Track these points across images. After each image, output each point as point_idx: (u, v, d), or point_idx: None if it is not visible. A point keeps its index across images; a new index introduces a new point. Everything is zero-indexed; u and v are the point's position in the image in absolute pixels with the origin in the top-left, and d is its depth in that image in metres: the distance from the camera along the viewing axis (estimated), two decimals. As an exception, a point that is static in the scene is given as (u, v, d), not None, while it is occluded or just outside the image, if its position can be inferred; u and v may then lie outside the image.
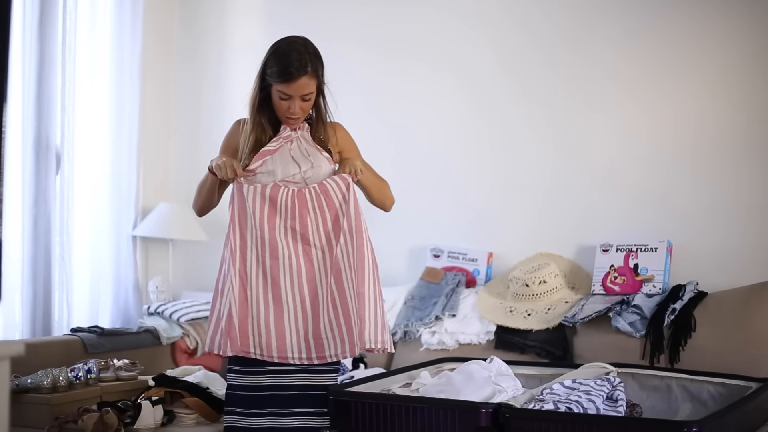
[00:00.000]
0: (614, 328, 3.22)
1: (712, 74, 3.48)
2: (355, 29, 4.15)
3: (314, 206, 2.55)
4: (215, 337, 2.54)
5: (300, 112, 2.56)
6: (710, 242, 3.41)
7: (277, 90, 2.54)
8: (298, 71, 2.50)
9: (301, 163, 2.58)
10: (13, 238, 3.53)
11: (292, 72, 2.49)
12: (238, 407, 2.59)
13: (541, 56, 3.78)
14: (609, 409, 2.40)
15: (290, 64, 2.50)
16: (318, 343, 2.51)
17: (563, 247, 3.67)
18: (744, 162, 3.40)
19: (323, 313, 2.52)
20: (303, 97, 2.55)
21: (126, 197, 4.10)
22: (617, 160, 3.62)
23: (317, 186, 2.55)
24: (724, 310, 3.13)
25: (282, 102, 2.55)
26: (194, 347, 3.81)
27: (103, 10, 4.02)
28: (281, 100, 2.55)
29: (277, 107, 2.58)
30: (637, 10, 3.59)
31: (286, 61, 2.50)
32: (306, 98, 2.55)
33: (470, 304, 3.60)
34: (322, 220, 2.55)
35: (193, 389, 2.95)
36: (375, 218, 4.06)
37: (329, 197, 2.55)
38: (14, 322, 3.55)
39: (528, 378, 2.92)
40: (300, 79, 2.50)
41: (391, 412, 2.39)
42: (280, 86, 2.53)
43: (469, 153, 3.91)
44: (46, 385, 2.83)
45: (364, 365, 3.52)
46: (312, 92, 2.56)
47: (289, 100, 2.54)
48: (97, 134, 4.00)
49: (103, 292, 3.99)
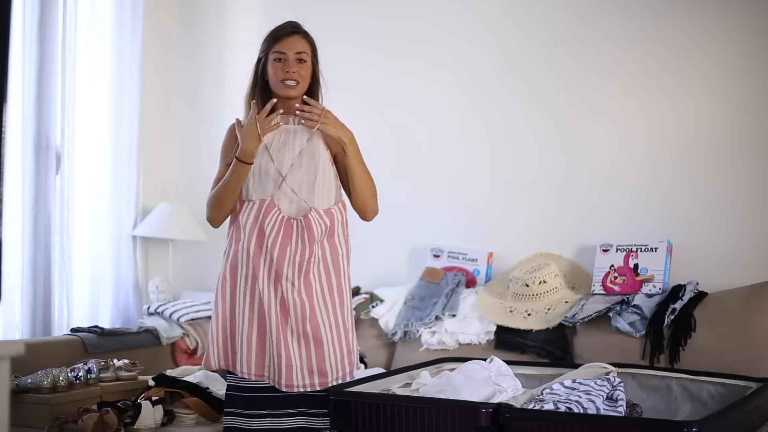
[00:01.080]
0: (614, 328, 3.22)
1: (712, 74, 3.47)
2: (355, 29, 4.15)
3: (297, 238, 2.54)
4: (208, 351, 2.60)
5: (296, 74, 2.56)
6: (710, 242, 3.41)
7: (273, 54, 2.57)
8: (290, 30, 2.60)
9: (296, 141, 2.58)
10: (13, 238, 3.53)
11: (285, 29, 2.59)
12: (237, 408, 2.59)
13: (541, 56, 3.78)
14: (609, 409, 2.40)
15: (282, 27, 2.61)
16: (288, 371, 2.50)
17: (563, 247, 3.67)
18: (744, 162, 3.40)
19: (292, 344, 2.51)
20: (298, 57, 2.56)
21: (126, 197, 4.10)
22: (617, 160, 3.62)
23: (303, 219, 2.53)
24: (724, 310, 3.13)
25: (277, 66, 2.56)
26: (194, 347, 3.81)
27: (103, 10, 4.02)
28: (276, 62, 2.56)
29: (274, 76, 2.57)
30: (637, 10, 3.59)
31: (279, 27, 2.62)
32: (301, 58, 2.57)
33: (470, 304, 3.60)
34: (300, 252, 2.53)
35: (193, 389, 2.95)
36: (376, 218, 4.07)
37: (311, 231, 2.53)
38: (14, 322, 3.55)
39: (528, 378, 2.92)
40: (293, 36, 2.58)
41: (391, 412, 2.39)
42: (274, 47, 2.57)
43: (469, 153, 3.91)
44: (46, 385, 2.83)
45: (364, 365, 3.52)
46: (306, 53, 2.58)
47: (284, 62, 2.56)
48: (97, 134, 4.00)
49: (103, 292, 3.99)
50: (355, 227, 3.97)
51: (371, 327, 3.76)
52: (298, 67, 2.57)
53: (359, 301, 3.78)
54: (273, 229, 2.52)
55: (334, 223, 2.58)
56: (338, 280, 2.59)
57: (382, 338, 3.73)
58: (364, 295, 3.82)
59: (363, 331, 3.75)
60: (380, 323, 3.72)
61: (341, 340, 2.57)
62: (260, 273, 2.51)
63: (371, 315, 3.75)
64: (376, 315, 3.74)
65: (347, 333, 2.59)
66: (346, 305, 2.60)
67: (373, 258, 4.00)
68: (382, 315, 3.73)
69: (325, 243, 2.58)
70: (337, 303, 2.57)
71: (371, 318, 3.76)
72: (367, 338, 3.72)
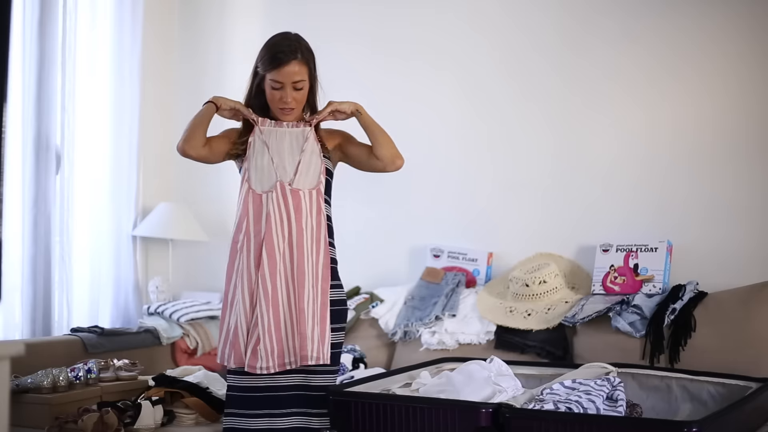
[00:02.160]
0: (614, 328, 3.22)
1: (712, 74, 3.47)
2: (355, 29, 4.15)
3: (285, 212, 2.57)
4: (225, 349, 2.58)
5: (293, 102, 2.61)
6: (710, 242, 3.41)
7: (269, 80, 2.59)
8: (287, 56, 2.56)
9: (294, 149, 2.63)
10: (13, 238, 3.53)
11: (282, 57, 2.56)
12: (236, 408, 2.59)
13: (541, 56, 3.78)
14: (609, 409, 2.40)
15: (280, 50, 2.57)
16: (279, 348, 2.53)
17: (563, 247, 3.67)
18: (744, 162, 3.39)
19: (284, 321, 2.54)
20: (294, 85, 2.59)
21: (126, 197, 4.10)
22: (617, 160, 3.62)
23: (291, 193, 2.57)
24: (724, 310, 3.13)
25: (275, 93, 2.60)
26: (194, 347, 3.81)
27: (103, 10, 4.02)
28: (273, 90, 2.60)
29: (271, 100, 2.63)
30: (637, 10, 3.59)
31: (276, 48, 2.59)
32: (298, 86, 2.60)
33: (470, 304, 3.60)
34: (288, 227, 2.56)
35: (193, 389, 2.95)
36: (376, 218, 4.08)
37: (299, 205, 2.57)
38: (14, 322, 3.55)
39: (528, 378, 2.92)
40: (290, 63, 2.57)
41: (391, 412, 2.39)
42: (271, 74, 2.58)
43: (469, 153, 3.91)
44: (46, 385, 2.83)
45: (364, 365, 3.52)
46: (303, 80, 2.61)
47: (281, 90, 2.59)
48: (97, 134, 4.00)
49: (103, 292, 3.99)
50: (355, 227, 4.00)
51: (371, 327, 3.76)
52: (295, 94, 2.61)
53: (359, 301, 3.78)
54: (275, 210, 2.55)
55: (321, 200, 2.62)
56: (300, 261, 2.57)
57: (382, 338, 3.73)
58: (364, 295, 3.82)
59: (363, 331, 3.75)
60: (380, 323, 3.72)
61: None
62: (276, 251, 2.53)
63: (371, 315, 3.75)
64: (376, 315, 3.74)
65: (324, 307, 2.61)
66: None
67: (373, 258, 4.00)
68: (382, 315, 3.73)
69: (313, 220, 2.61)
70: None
71: (371, 318, 3.76)
72: (367, 338, 3.72)
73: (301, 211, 2.57)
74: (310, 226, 2.58)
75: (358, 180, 3.19)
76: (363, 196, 4.00)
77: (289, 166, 2.62)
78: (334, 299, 2.63)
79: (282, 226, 2.56)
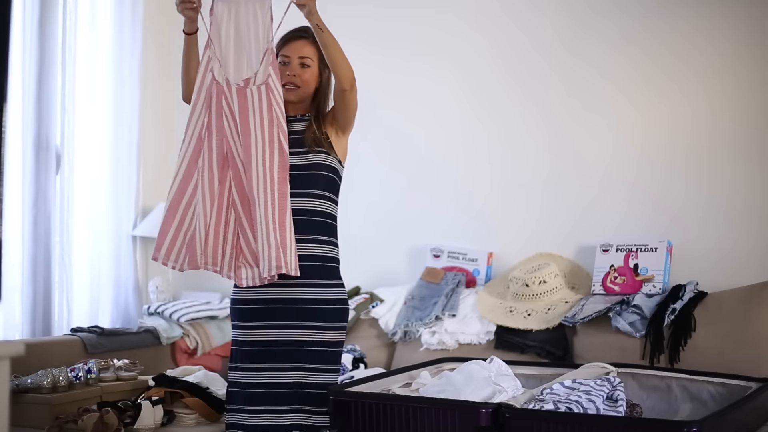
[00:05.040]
0: (614, 328, 3.22)
1: (709, 75, 3.48)
2: (355, 29, 4.13)
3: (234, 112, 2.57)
4: (172, 249, 2.64)
5: (297, 78, 2.63)
6: (710, 242, 3.41)
7: (280, 57, 2.64)
8: (298, 33, 2.66)
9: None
10: (13, 238, 3.52)
11: (292, 34, 2.67)
12: (238, 404, 2.61)
13: (540, 57, 3.78)
14: (609, 409, 2.40)
15: (293, 30, 2.68)
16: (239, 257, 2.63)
17: (563, 247, 3.67)
18: (743, 162, 3.40)
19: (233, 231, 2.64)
20: (302, 61, 2.64)
21: (126, 197, 4.10)
22: (617, 160, 3.62)
23: (236, 91, 2.54)
24: (724, 310, 3.13)
25: (282, 69, 2.63)
26: (194, 347, 3.81)
27: (103, 10, 4.02)
28: (281, 65, 2.63)
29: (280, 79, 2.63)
30: (635, 11, 3.60)
31: (290, 31, 2.68)
32: (305, 63, 2.64)
33: (470, 304, 3.60)
34: (242, 129, 2.56)
35: (193, 389, 2.95)
36: (375, 218, 4.08)
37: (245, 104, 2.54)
38: (14, 322, 3.55)
39: (528, 378, 2.92)
40: (299, 40, 2.65)
41: (391, 412, 2.39)
42: (281, 51, 2.65)
43: (468, 153, 3.91)
44: (46, 385, 2.83)
45: (364, 365, 3.52)
46: (310, 58, 2.65)
47: (287, 66, 2.64)
48: (97, 134, 4.00)
49: (103, 292, 3.98)
50: (355, 227, 3.99)
51: (371, 327, 3.76)
52: (301, 71, 2.61)
53: (359, 301, 3.78)
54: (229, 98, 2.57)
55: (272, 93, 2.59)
56: (249, 174, 2.60)
57: (382, 338, 3.73)
58: (364, 295, 3.82)
59: (363, 331, 3.75)
60: (380, 323, 3.72)
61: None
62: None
63: (371, 315, 3.75)
64: (376, 315, 3.74)
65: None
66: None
67: (372, 258, 4.00)
68: (382, 315, 3.73)
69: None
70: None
71: (371, 318, 3.76)
72: (367, 338, 3.72)
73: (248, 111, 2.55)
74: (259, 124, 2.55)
75: (358, 180, 3.19)
76: (363, 196, 4.00)
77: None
78: (335, 298, 2.64)
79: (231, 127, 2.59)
